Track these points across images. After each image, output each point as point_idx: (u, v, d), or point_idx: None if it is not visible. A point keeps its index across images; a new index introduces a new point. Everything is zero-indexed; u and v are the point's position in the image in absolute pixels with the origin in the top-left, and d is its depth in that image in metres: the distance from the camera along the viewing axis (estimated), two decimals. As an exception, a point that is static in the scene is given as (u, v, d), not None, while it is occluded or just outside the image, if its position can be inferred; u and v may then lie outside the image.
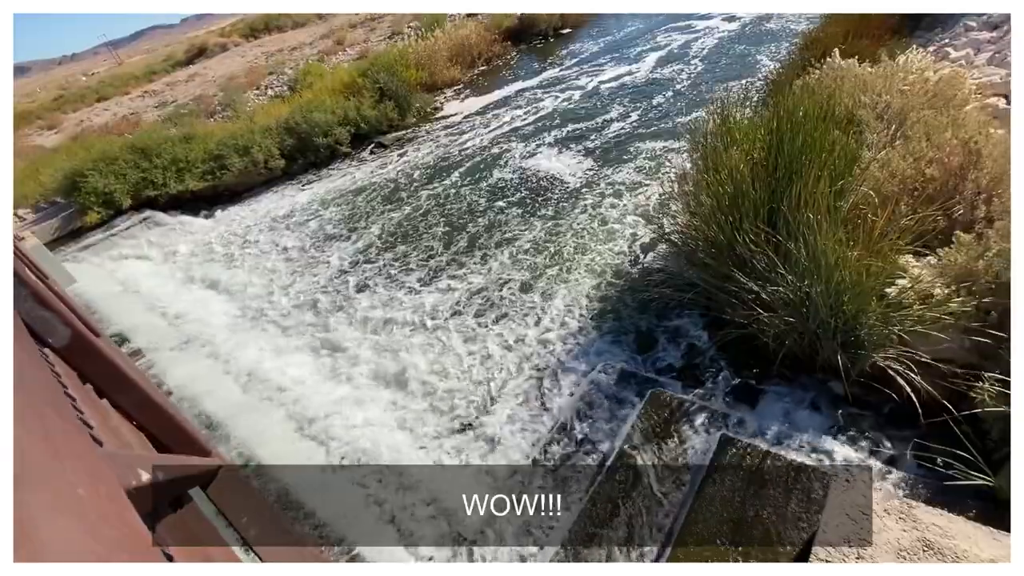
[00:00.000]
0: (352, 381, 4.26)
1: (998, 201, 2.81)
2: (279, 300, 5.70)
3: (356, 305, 5.19)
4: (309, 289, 5.74)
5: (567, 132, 8.13)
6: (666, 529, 2.55)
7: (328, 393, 4.18)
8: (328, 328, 4.97)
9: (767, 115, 3.80)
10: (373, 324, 4.86)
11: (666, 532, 2.53)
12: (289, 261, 6.51)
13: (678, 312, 3.91)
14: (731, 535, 2.35)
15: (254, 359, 4.81)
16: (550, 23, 14.81)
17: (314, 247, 6.71)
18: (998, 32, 5.39)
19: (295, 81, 13.71)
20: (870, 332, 2.70)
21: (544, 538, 2.78)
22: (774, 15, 11.20)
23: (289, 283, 5.99)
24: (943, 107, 3.68)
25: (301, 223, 7.51)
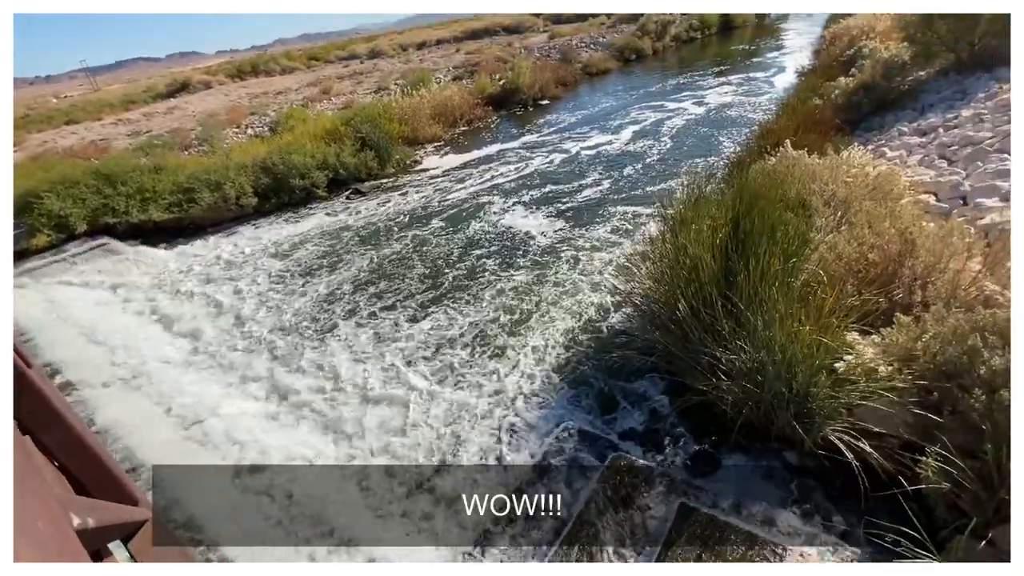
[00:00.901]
0: (297, 429, 4.05)
1: (932, 288, 3.05)
2: (230, 340, 5.47)
3: (307, 353, 5.01)
4: (264, 331, 5.54)
5: (540, 193, 8.44)
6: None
7: (272, 441, 3.94)
8: (276, 375, 4.77)
9: (728, 193, 4.07)
10: (325, 371, 4.70)
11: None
12: (245, 300, 6.31)
13: (641, 375, 3.95)
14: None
15: (195, 400, 4.54)
16: (530, 94, 15.71)
17: (276, 287, 6.54)
18: (926, 138, 6.05)
19: (277, 123, 13.87)
20: (821, 405, 2.79)
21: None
22: (735, 103, 12.28)
23: (244, 323, 5.78)
24: (882, 199, 4.04)
25: (265, 262, 7.36)
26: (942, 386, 2.55)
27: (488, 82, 15.99)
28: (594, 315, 4.90)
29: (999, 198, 4.23)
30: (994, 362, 2.33)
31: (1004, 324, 2.45)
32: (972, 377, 2.41)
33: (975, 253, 3.23)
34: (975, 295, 2.95)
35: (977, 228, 3.78)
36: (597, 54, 20.64)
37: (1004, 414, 2.23)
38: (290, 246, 7.80)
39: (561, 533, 2.85)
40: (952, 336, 2.53)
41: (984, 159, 4.89)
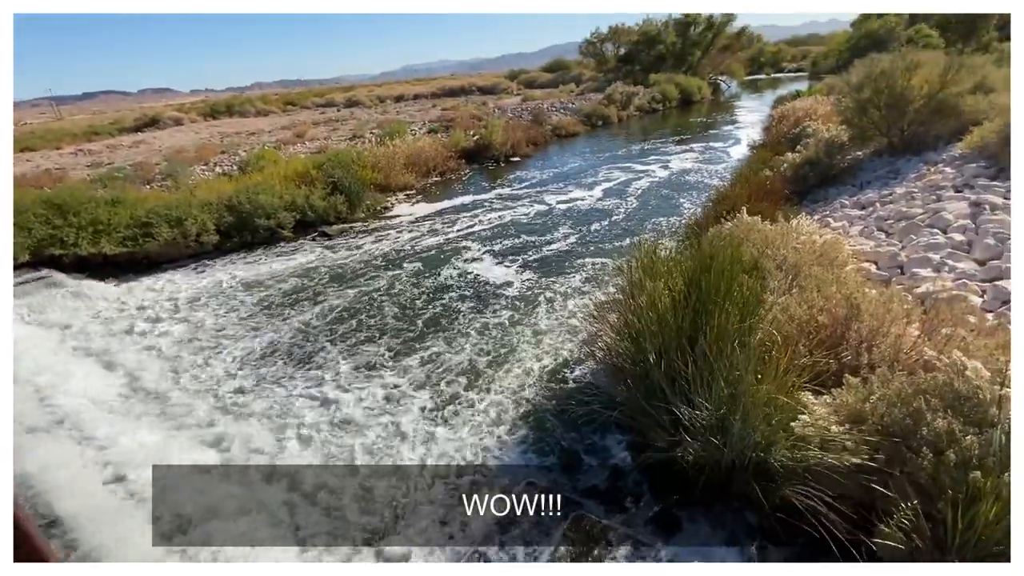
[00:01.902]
0: (241, 486, 3.77)
1: (877, 350, 3.20)
2: (175, 385, 5.15)
3: (254, 405, 4.75)
4: (210, 376, 5.26)
5: (509, 244, 8.58)
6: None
7: (210, 497, 3.64)
8: (215, 423, 4.49)
9: (688, 253, 4.25)
10: (269, 423, 4.46)
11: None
12: (194, 342, 6.01)
13: (604, 430, 3.92)
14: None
15: (127, 449, 4.18)
16: (502, 150, 16.29)
17: (226, 329, 6.27)
18: (866, 211, 6.55)
19: (247, 163, 13.79)
20: (779, 464, 2.82)
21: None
22: (694, 169, 13.07)
23: (189, 367, 5.47)
24: (828, 265, 4.30)
25: (220, 301, 7.08)
26: (891, 447, 2.63)
27: (462, 136, 16.53)
28: (558, 366, 4.88)
29: (931, 269, 4.57)
30: (937, 424, 2.43)
31: (944, 388, 2.58)
32: (918, 439, 2.50)
33: (913, 319, 3.44)
34: (915, 359, 3.12)
35: (914, 296, 4.04)
36: (566, 118, 21.78)
37: (950, 475, 2.30)
38: (247, 286, 7.57)
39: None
40: (897, 398, 2.64)
41: (917, 233, 5.32)
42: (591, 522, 3.08)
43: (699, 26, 35.53)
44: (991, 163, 6.38)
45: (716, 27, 36.03)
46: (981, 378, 2.62)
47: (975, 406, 2.49)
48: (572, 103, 25.49)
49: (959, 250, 4.76)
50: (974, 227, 5.01)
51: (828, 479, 2.70)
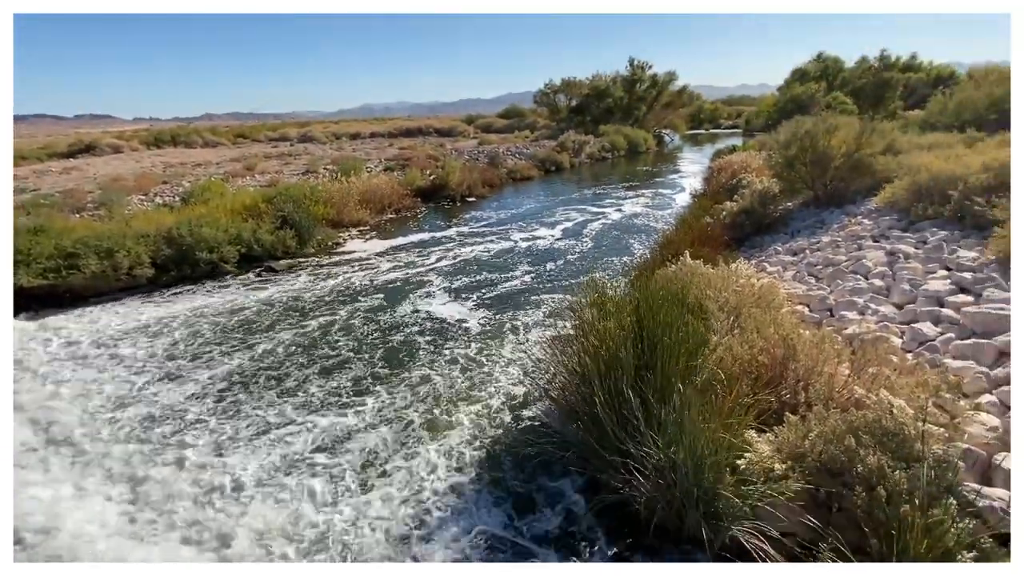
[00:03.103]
0: (159, 542, 3.42)
1: (813, 389, 3.37)
2: (91, 428, 4.69)
3: (186, 452, 4.39)
4: (131, 418, 4.84)
5: (462, 282, 8.57)
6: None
7: (131, 555, 3.28)
8: (139, 475, 4.11)
9: (636, 294, 4.38)
10: (197, 473, 4.12)
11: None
12: (116, 382, 5.54)
13: (557, 472, 3.86)
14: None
15: (35, 501, 3.73)
16: (458, 190, 16.52)
17: (150, 370, 5.83)
18: (797, 257, 7.04)
19: (191, 194, 13.25)
20: (727, 504, 2.86)
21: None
22: (642, 213, 13.72)
23: (108, 410, 5.02)
24: (766, 307, 4.54)
25: (143, 341, 6.60)
26: (830, 483, 2.74)
27: (419, 175, 16.66)
28: (512, 406, 4.82)
29: (856, 312, 4.93)
30: (868, 460, 2.56)
31: (874, 425, 2.73)
32: (852, 475, 2.62)
33: (843, 359, 3.66)
34: (847, 397, 3.30)
35: (843, 337, 4.32)
36: (521, 162, 22.47)
37: (883, 511, 2.41)
38: (178, 323, 7.10)
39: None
40: (833, 436, 2.77)
41: (843, 278, 5.74)
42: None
43: (644, 83, 38.12)
44: (902, 216, 7.06)
45: (660, 85, 38.77)
46: (906, 415, 2.80)
47: (902, 442, 2.65)
48: (527, 148, 26.39)
49: (879, 294, 5.17)
50: (891, 274, 5.48)
51: (773, 517, 2.76)
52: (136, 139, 36.24)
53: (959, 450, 2.79)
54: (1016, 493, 1.57)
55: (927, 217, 6.63)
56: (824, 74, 34.64)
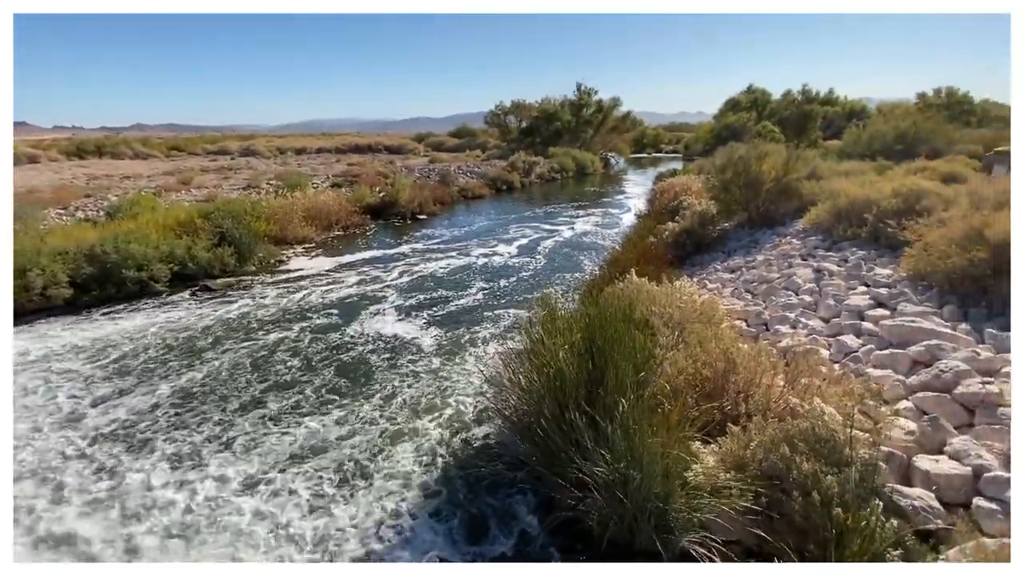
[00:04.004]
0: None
1: (752, 400, 3.54)
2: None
3: (87, 484, 4.04)
4: (44, 455, 4.39)
5: (412, 300, 8.43)
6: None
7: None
8: (55, 516, 3.72)
9: (585, 310, 4.47)
10: (118, 511, 3.79)
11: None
12: (28, 416, 5.02)
13: (510, 491, 3.82)
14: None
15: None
16: (409, 208, 16.35)
17: (53, 405, 5.33)
18: (735, 275, 7.43)
19: (118, 208, 12.37)
20: (676, 516, 2.92)
21: None
22: (591, 231, 14.11)
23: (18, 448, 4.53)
24: (707, 322, 4.75)
25: (54, 368, 6.04)
26: (770, 490, 2.86)
27: (368, 192, 16.37)
28: (465, 427, 4.74)
29: (789, 326, 5.24)
30: (804, 467, 2.70)
31: (807, 433, 2.89)
32: (790, 481, 2.75)
33: (779, 371, 3.88)
34: (783, 407, 3.49)
35: (778, 350, 4.58)
36: (473, 181, 22.61)
37: (818, 514, 2.54)
38: (96, 350, 6.53)
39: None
40: (771, 445, 2.90)
41: (776, 294, 6.11)
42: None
43: (590, 108, 39.59)
44: (826, 236, 7.64)
45: (605, 110, 40.39)
46: (836, 422, 2.99)
47: (832, 448, 2.82)
48: (478, 167, 26.61)
49: (809, 309, 5.54)
50: (818, 290, 5.89)
51: (719, 526, 2.85)
52: (56, 148, 33.56)
53: (882, 453, 3.00)
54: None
55: (847, 238, 7.21)
56: (754, 104, 37.38)
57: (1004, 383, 3.44)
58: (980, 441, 3.07)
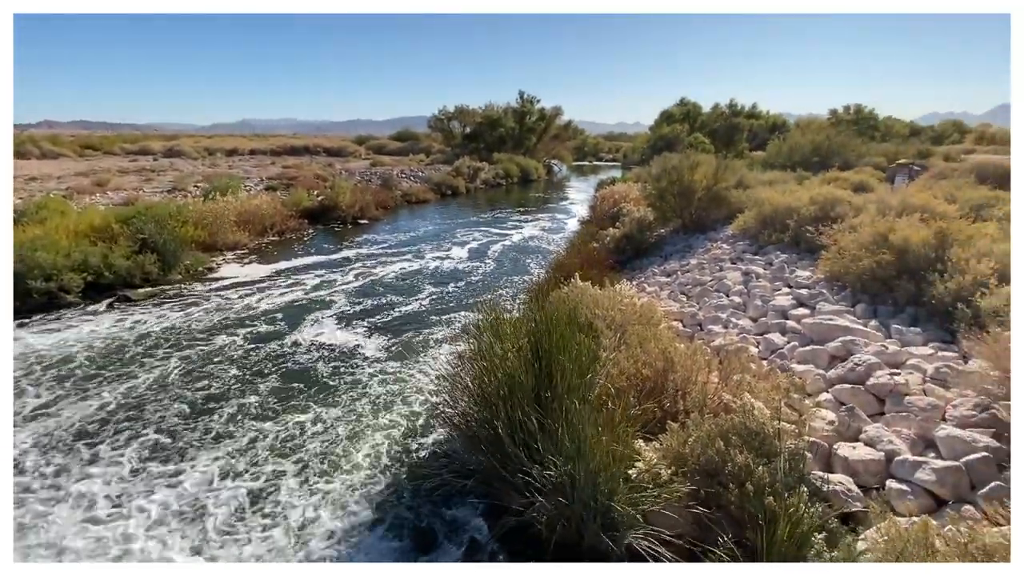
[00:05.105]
0: None
1: (689, 397, 3.70)
2: None
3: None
4: None
5: (354, 307, 8.18)
6: None
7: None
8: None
9: (531, 314, 4.51)
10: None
11: None
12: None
13: (459, 500, 3.77)
14: None
15: None
16: (349, 212, 15.88)
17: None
18: (671, 278, 7.76)
19: (22, 213, 11.17)
20: (622, 513, 2.99)
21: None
22: (537, 236, 14.32)
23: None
24: (646, 324, 4.93)
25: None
26: (709, 484, 2.99)
27: (305, 196, 15.74)
28: (410, 437, 4.64)
29: (721, 326, 5.53)
30: (737, 460, 2.85)
31: (740, 427, 3.05)
32: (725, 474, 2.89)
33: (713, 368, 4.08)
34: (718, 403, 3.66)
35: (711, 348, 4.82)
36: (417, 185, 22.32)
37: (751, 502, 2.68)
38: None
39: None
40: (708, 439, 3.04)
41: (709, 296, 6.44)
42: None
43: (533, 115, 40.24)
44: (753, 241, 8.15)
45: (547, 118, 41.19)
46: (764, 415, 3.17)
47: (763, 440, 2.99)
48: (422, 172, 26.31)
49: (739, 310, 5.88)
50: (747, 291, 6.26)
51: (664, 520, 2.94)
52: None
53: (806, 443, 3.22)
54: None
55: (772, 242, 7.73)
56: (687, 116, 39.41)
57: (909, 374, 3.80)
58: (890, 428, 3.36)
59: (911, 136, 30.21)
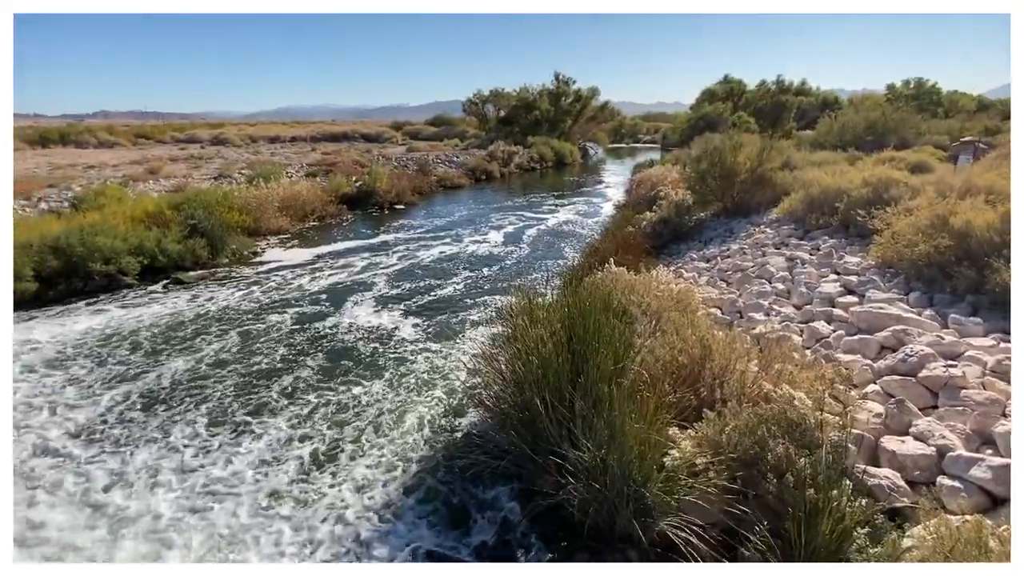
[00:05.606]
0: None
1: (727, 386, 3.61)
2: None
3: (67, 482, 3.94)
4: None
5: (393, 291, 8.36)
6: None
7: None
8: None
9: (565, 300, 4.49)
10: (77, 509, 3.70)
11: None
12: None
13: (492, 481, 3.84)
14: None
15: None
16: (386, 198, 16.13)
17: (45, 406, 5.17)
18: (710, 264, 7.55)
19: (82, 199, 11.91)
20: (655, 500, 2.98)
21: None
22: (572, 220, 14.19)
23: None
24: (684, 311, 4.82)
25: (32, 370, 5.83)
26: (745, 474, 2.94)
27: (344, 182, 16.08)
28: (446, 417, 4.75)
29: (762, 313, 5.36)
30: (777, 450, 2.78)
31: (780, 417, 2.97)
32: (764, 464, 2.82)
33: (753, 357, 3.96)
34: (757, 392, 3.57)
35: (751, 336, 4.68)
36: (452, 170, 22.40)
37: (791, 494, 2.62)
38: (60, 347, 6.31)
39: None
40: (746, 429, 2.97)
41: (750, 283, 6.23)
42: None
43: (569, 97, 39.45)
44: (799, 225, 7.80)
45: (583, 100, 40.30)
46: (806, 406, 3.07)
47: (804, 431, 2.90)
48: (457, 157, 26.36)
49: (782, 297, 5.67)
50: (791, 278, 6.03)
51: (697, 509, 2.91)
52: (17, 137, 32.03)
53: (851, 435, 3.10)
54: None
55: (819, 226, 7.38)
56: (730, 95, 37.79)
57: (967, 366, 3.59)
58: (944, 422, 3.20)
59: (978, 111, 27.96)
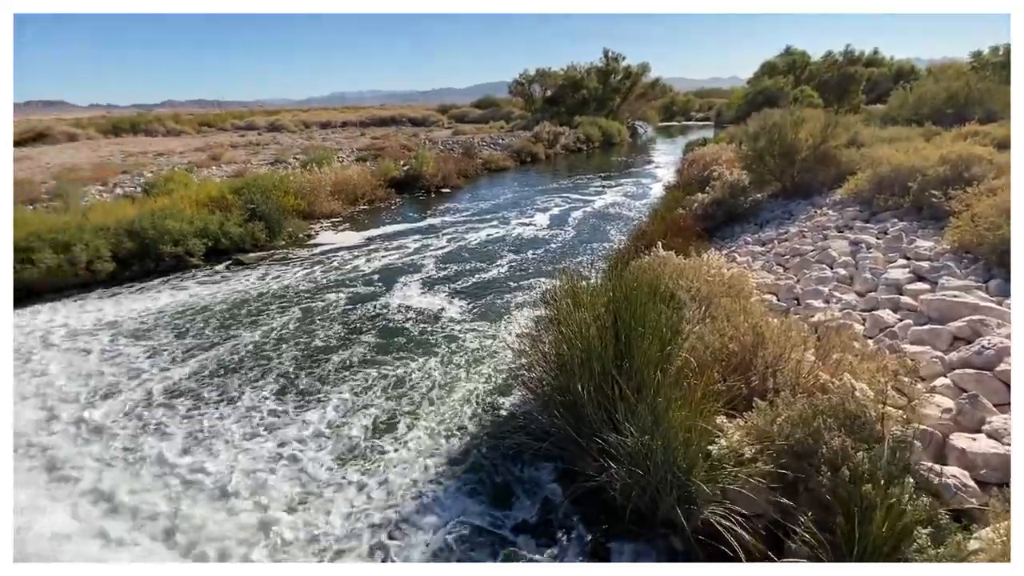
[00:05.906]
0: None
1: (780, 375, 3.48)
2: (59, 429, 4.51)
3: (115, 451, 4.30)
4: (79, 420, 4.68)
5: (440, 273, 8.52)
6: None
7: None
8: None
9: (611, 284, 4.43)
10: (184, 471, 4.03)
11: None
12: (87, 384, 5.34)
13: (534, 462, 3.90)
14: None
15: None
16: (433, 181, 16.34)
17: (110, 377, 5.64)
18: (765, 248, 7.22)
19: (153, 185, 12.76)
20: (699, 488, 2.94)
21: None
22: (619, 203, 13.92)
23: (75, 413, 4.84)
24: (735, 296, 4.65)
25: (104, 340, 6.36)
26: (796, 465, 2.84)
27: (392, 166, 16.41)
28: (491, 396, 4.84)
29: (822, 300, 5.09)
30: (833, 442, 2.66)
31: (837, 408, 2.84)
32: (817, 457, 2.72)
33: (809, 346, 3.79)
34: (813, 382, 3.42)
35: (809, 324, 4.46)
36: (496, 153, 22.36)
37: (846, 490, 2.51)
38: (142, 321, 6.85)
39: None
40: (799, 420, 2.86)
41: (809, 268, 5.92)
42: (520, 559, 3.02)
43: (618, 75, 38.25)
44: (864, 207, 7.31)
45: (633, 76, 38.97)
46: (867, 398, 2.92)
47: (863, 424, 2.76)
48: (502, 139, 26.26)
49: (843, 283, 5.36)
50: (854, 263, 5.68)
51: (743, 499, 2.85)
52: (93, 127, 34.59)
53: (916, 431, 2.93)
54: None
55: (888, 208, 6.89)
56: (792, 68, 35.50)
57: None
58: (1022, 420, 2.95)
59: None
